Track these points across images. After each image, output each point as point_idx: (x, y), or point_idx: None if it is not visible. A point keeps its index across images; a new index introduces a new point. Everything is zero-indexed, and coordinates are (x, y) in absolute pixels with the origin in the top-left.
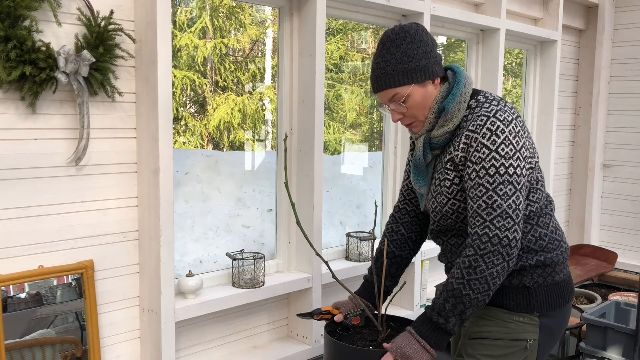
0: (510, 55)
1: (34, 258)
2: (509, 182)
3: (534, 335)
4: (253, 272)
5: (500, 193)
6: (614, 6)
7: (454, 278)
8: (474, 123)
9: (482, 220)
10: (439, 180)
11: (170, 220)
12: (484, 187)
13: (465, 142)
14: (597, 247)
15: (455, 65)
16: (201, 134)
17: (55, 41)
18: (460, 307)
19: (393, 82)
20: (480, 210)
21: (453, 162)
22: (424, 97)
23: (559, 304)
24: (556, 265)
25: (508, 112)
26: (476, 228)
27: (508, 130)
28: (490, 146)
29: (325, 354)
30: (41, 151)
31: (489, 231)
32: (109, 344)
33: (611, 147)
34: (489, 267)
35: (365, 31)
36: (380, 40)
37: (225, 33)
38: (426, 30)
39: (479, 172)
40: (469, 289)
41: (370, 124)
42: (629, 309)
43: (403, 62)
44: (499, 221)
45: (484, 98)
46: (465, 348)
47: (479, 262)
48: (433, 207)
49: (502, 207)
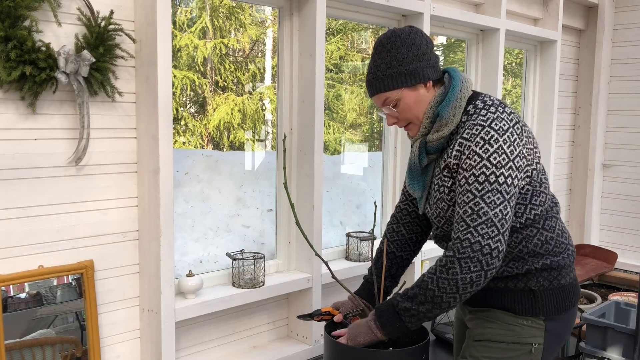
0: (510, 55)
1: (34, 258)
2: (497, 190)
3: (539, 339)
4: (253, 272)
5: (487, 201)
6: (614, 6)
7: (428, 271)
8: (469, 131)
9: (466, 226)
10: (438, 186)
11: (170, 220)
12: (472, 194)
13: (458, 149)
14: (597, 247)
15: (452, 68)
16: (201, 134)
17: (55, 41)
18: (421, 297)
19: (383, 86)
20: (466, 216)
21: (449, 169)
22: (415, 101)
23: (564, 307)
24: (562, 268)
25: (505, 120)
26: (459, 233)
27: (502, 139)
28: (482, 154)
29: (325, 354)
30: (41, 151)
31: (471, 237)
32: (109, 344)
33: (611, 147)
34: (463, 272)
35: (365, 31)
36: (374, 45)
37: (225, 33)
38: (421, 32)
39: (469, 178)
40: (435, 285)
41: (370, 124)
42: (629, 309)
43: (392, 66)
44: (482, 228)
45: (482, 103)
46: (469, 350)
47: (454, 264)
48: (437, 212)
49: (488, 215)
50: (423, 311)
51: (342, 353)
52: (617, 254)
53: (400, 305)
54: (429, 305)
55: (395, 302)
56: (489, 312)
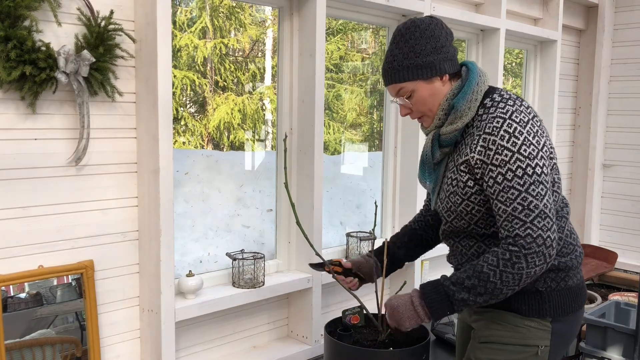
0: (510, 55)
1: (34, 258)
2: (538, 182)
3: (545, 341)
4: (253, 272)
5: (533, 194)
6: (614, 6)
7: (487, 263)
8: (490, 125)
9: (522, 222)
10: (451, 180)
11: (170, 220)
12: (515, 190)
13: (482, 144)
14: (597, 247)
15: (471, 62)
16: (201, 134)
17: (55, 41)
18: (480, 289)
19: (398, 77)
20: (517, 212)
21: (468, 164)
22: (430, 93)
23: (571, 309)
24: (570, 269)
25: (524, 113)
26: (516, 230)
27: (526, 130)
28: (512, 147)
29: (325, 354)
30: (41, 151)
31: (531, 232)
32: (109, 344)
33: (611, 147)
34: (529, 267)
35: (365, 31)
36: (393, 34)
37: (225, 33)
38: (441, 24)
39: (506, 174)
40: (498, 278)
41: (370, 124)
42: (629, 309)
43: (409, 57)
44: (539, 222)
45: (499, 97)
46: (474, 352)
47: (520, 260)
48: (447, 206)
49: (539, 208)
50: (480, 301)
51: (342, 353)
52: (617, 254)
53: (456, 296)
54: (487, 297)
55: (450, 292)
56: (495, 313)
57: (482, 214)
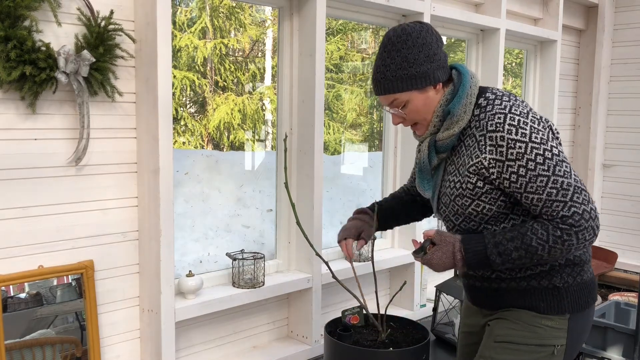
0: (510, 55)
1: (34, 258)
2: (560, 161)
3: (561, 340)
4: (253, 272)
5: (560, 174)
6: (614, 6)
7: (535, 235)
8: (492, 122)
9: (563, 204)
10: (454, 183)
11: (170, 220)
12: (543, 176)
13: (491, 143)
14: (597, 247)
15: (460, 65)
16: (201, 134)
17: (55, 41)
18: (525, 260)
19: (392, 88)
20: (553, 196)
21: (480, 166)
22: (424, 103)
23: (588, 303)
24: (584, 263)
25: (521, 106)
26: (562, 212)
27: (529, 119)
28: (523, 139)
29: (325, 354)
30: (41, 151)
31: (576, 209)
32: (109, 344)
33: (611, 147)
34: (579, 242)
35: (365, 31)
36: (383, 40)
37: (225, 33)
38: (431, 29)
39: (527, 165)
40: (546, 252)
41: (370, 124)
42: (629, 309)
43: (403, 67)
44: (577, 197)
45: (493, 95)
46: (489, 352)
47: (571, 237)
48: (454, 210)
49: (572, 185)
50: (518, 264)
51: (342, 353)
52: (617, 254)
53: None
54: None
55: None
56: (511, 312)
57: (493, 212)
